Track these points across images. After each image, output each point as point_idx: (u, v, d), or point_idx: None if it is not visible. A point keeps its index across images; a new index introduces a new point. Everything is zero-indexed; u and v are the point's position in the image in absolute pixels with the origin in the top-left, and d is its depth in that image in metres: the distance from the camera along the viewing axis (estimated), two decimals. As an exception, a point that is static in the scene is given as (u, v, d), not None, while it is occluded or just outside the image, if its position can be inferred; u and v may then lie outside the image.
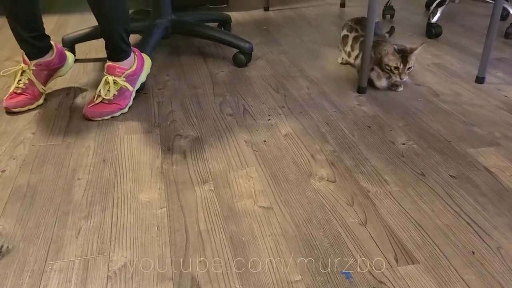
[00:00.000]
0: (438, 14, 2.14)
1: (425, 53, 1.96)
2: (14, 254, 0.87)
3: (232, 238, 0.92)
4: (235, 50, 1.79)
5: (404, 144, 1.27)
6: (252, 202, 1.03)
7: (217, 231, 0.94)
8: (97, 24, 1.87)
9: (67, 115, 1.41)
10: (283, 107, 1.47)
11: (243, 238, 0.92)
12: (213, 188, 1.08)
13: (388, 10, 2.47)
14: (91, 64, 1.79)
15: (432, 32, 2.11)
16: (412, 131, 1.33)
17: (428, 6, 2.67)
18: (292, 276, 0.82)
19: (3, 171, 1.13)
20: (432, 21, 2.13)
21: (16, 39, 1.39)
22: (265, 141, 1.27)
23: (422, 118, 1.41)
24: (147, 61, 1.49)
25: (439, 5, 2.18)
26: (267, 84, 1.64)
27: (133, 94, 1.44)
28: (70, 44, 1.76)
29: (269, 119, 1.39)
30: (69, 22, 2.29)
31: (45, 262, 0.86)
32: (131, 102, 1.43)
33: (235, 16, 2.50)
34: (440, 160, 1.19)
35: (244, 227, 0.95)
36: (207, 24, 1.93)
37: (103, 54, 1.86)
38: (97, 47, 1.92)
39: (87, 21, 2.32)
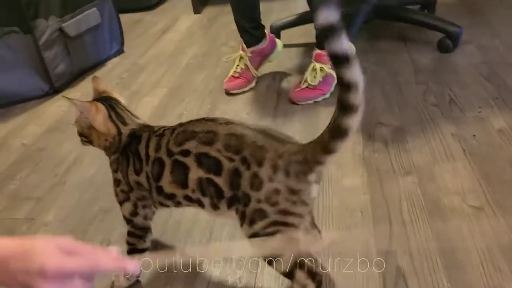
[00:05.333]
0: None
1: None
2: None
3: (439, 235, 0.91)
4: (441, 35, 1.69)
5: None
6: (460, 200, 0.99)
7: (421, 225, 0.94)
8: (301, 11, 1.99)
9: (275, 98, 1.55)
10: (497, 98, 1.35)
11: (451, 236, 0.90)
12: (416, 181, 1.07)
13: None
14: (294, 50, 1.91)
15: None
16: None
17: None
18: (507, 285, 0.78)
19: (227, 145, 1.31)
20: None
21: (238, 29, 1.58)
22: (474, 135, 1.20)
23: None
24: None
25: None
26: (477, 72, 1.52)
27: (335, 81, 1.50)
28: (277, 31, 1.91)
29: (479, 112, 1.30)
30: (273, 9, 2.47)
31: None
32: (333, 89, 1.50)
33: (439, -4, 2.33)
34: None
35: (451, 225, 0.93)
36: (409, 7, 1.86)
37: (304, 39, 1.97)
38: (299, 33, 2.03)
39: (289, 7, 2.46)
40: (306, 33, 1.95)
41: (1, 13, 1.57)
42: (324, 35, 0.56)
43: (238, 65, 1.60)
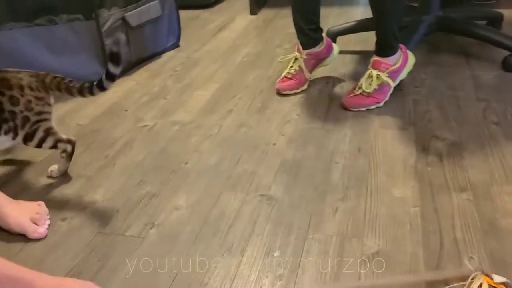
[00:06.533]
0: None
1: None
2: (281, 217, 1.01)
3: (493, 256, 0.86)
4: (506, 53, 1.62)
5: None
6: (519, 223, 0.93)
7: (475, 244, 0.89)
8: (359, 18, 1.96)
9: (327, 102, 1.53)
10: None
11: (507, 259, 0.85)
12: (471, 198, 1.02)
13: None
14: (349, 56, 1.88)
15: None
16: None
17: None
18: None
19: (274, 144, 1.30)
20: None
21: (296, 29, 1.57)
22: (538, 158, 1.13)
23: None
24: (411, 59, 1.49)
25: None
26: (544, 94, 1.44)
27: (391, 90, 1.46)
28: (334, 36, 1.89)
29: (544, 134, 1.22)
30: (330, 15, 2.45)
31: (307, 230, 0.97)
32: (387, 98, 1.46)
33: (506, 13, 2.24)
34: None
35: (507, 247, 0.88)
36: (475, 22, 1.79)
37: (360, 47, 1.94)
38: (355, 40, 2.00)
39: (346, 14, 2.44)
40: (363, 41, 1.92)
41: (68, 1, 1.63)
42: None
43: (292, 67, 1.59)
